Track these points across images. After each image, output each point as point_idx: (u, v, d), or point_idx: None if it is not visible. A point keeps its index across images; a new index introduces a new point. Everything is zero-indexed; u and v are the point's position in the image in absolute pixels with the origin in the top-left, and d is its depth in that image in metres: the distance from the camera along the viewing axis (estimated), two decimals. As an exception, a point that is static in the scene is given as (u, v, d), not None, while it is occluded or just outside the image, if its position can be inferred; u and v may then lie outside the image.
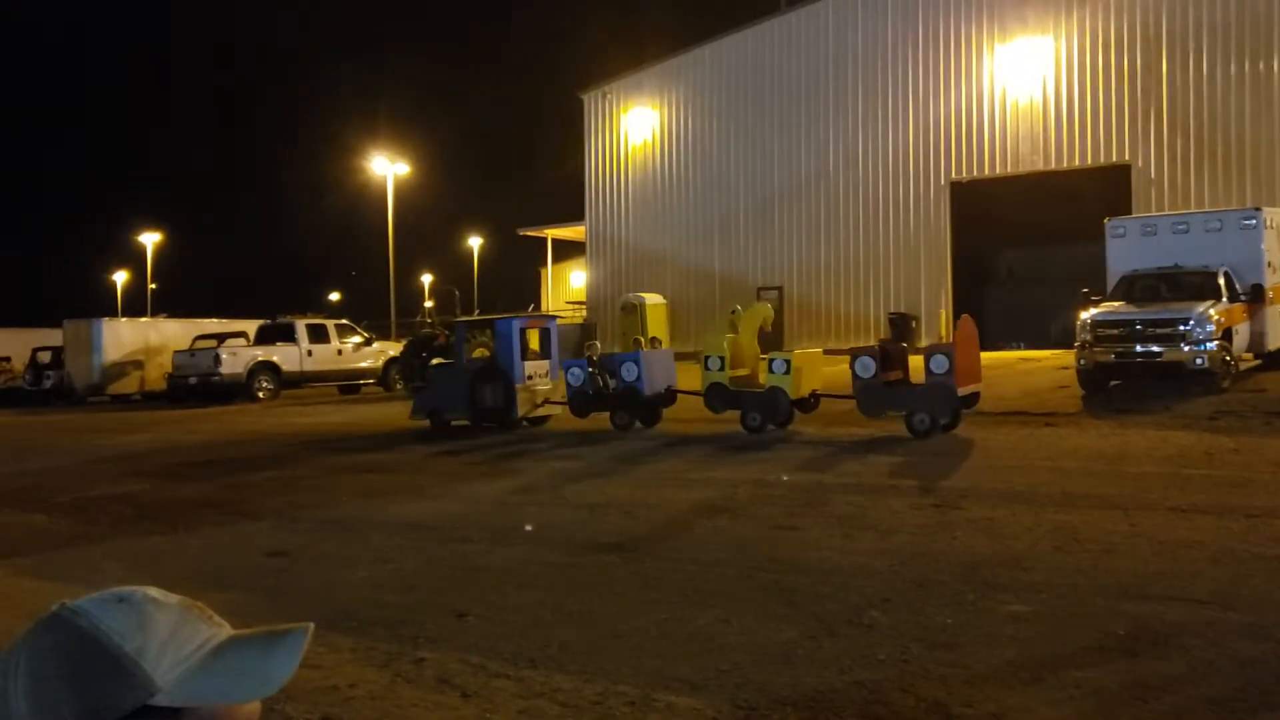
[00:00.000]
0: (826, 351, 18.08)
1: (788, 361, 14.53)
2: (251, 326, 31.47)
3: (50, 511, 10.94)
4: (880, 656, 4.97)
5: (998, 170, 30.74)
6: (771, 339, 32.71)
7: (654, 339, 22.66)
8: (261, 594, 6.76)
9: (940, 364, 13.16)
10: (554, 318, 20.81)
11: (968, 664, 4.81)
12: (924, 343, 30.30)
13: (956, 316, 30.45)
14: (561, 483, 11.16)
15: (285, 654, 1.02)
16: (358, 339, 30.49)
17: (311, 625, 1.06)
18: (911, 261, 31.67)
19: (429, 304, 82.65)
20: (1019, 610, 5.65)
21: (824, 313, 33.11)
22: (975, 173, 31.01)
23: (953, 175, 31.29)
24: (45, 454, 17.07)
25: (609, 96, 38.33)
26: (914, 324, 30.60)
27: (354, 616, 6.02)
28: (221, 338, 30.11)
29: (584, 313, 40.57)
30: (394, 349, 29.65)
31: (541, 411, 17.52)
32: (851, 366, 13.86)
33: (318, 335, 29.60)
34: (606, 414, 16.03)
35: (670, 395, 16.09)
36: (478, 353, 18.85)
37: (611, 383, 16.06)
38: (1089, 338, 15.90)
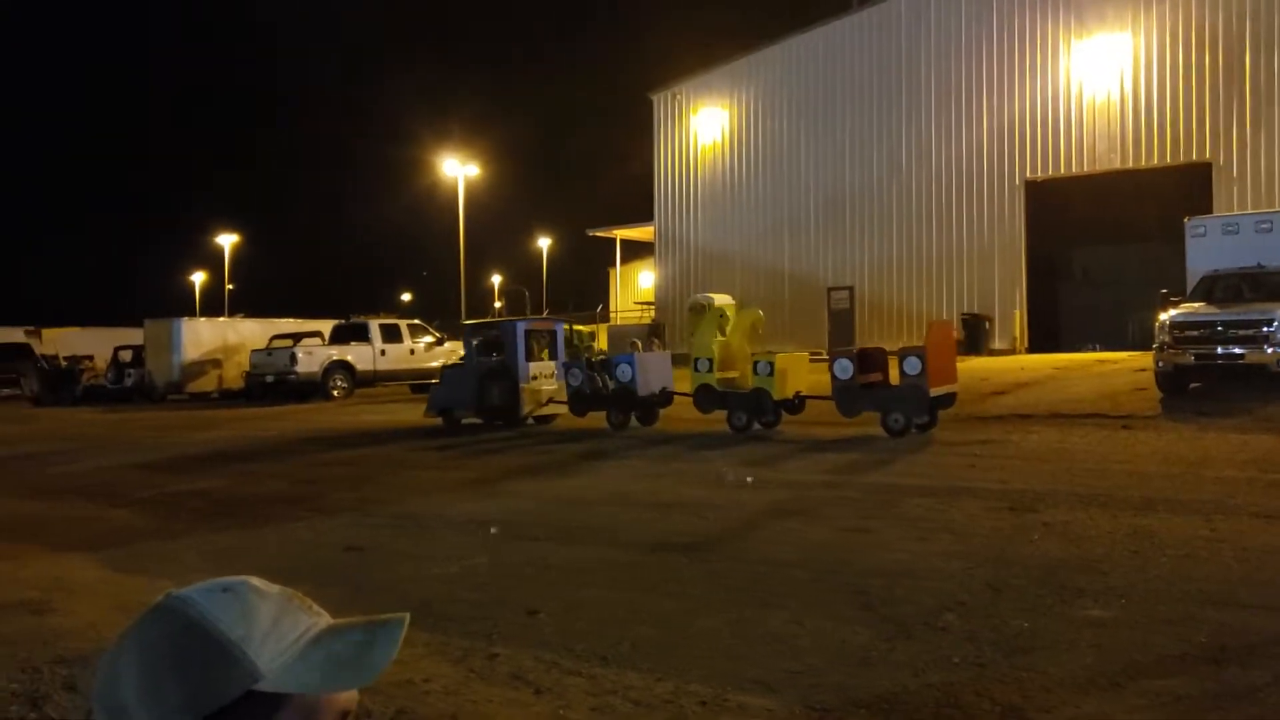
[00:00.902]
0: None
1: (771, 364, 15.14)
2: (326, 326, 32.00)
3: (132, 506, 11.20)
4: (955, 659, 4.92)
5: (1074, 169, 30.24)
6: (844, 339, 32.56)
7: (653, 340, 23.92)
8: (338, 589, 6.85)
9: (913, 366, 13.70)
10: (561, 321, 21.88)
11: (1044, 669, 4.74)
12: (997, 344, 30.00)
13: (1031, 317, 30.28)
14: (629, 481, 11.19)
15: (384, 643, 1.05)
16: (430, 339, 30.87)
17: (408, 615, 1.09)
18: (985, 261, 31.27)
19: (498, 304, 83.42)
20: (1097, 615, 5.55)
21: (896, 312, 32.81)
22: (1051, 171, 30.54)
23: (1027, 174, 30.84)
24: (126, 450, 17.50)
25: (678, 97, 38.35)
26: (987, 325, 30.22)
27: (428, 612, 6.08)
28: (297, 337, 30.66)
29: (652, 313, 40.62)
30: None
31: (547, 410, 18.38)
32: (831, 369, 14.46)
33: (391, 335, 30.03)
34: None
35: (665, 396, 16.77)
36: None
37: (611, 384, 16.76)
38: (1168, 339, 15.57)
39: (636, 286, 52.52)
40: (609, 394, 16.82)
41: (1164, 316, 15.92)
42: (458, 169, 45.38)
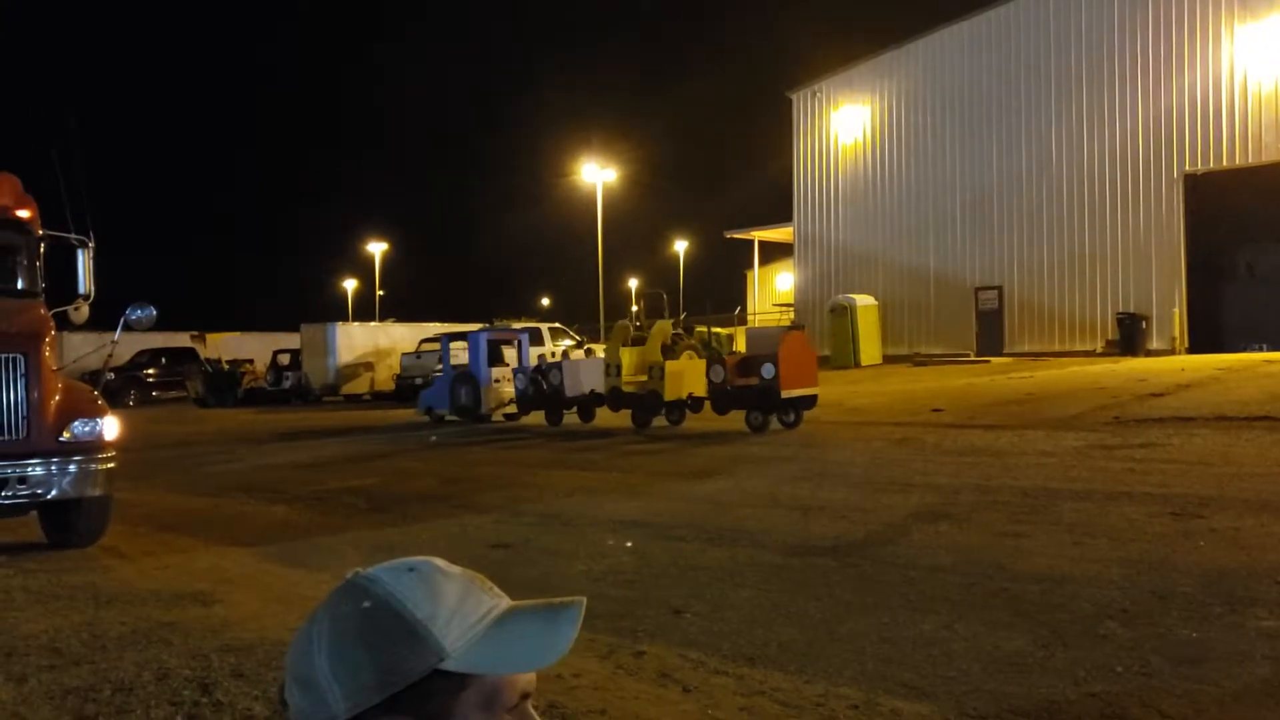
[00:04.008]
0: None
1: (662, 368, 17.66)
2: (471, 330, 32.68)
3: (291, 503, 11.63)
4: (1118, 669, 4.73)
5: (1238, 161, 28.81)
6: (992, 341, 31.75)
7: (587, 348, 27.36)
8: (487, 585, 6.98)
9: (769, 371, 15.86)
10: (526, 330, 25.18)
11: (1217, 681, 4.51)
12: (1155, 344, 28.82)
13: (1191, 317, 28.97)
14: (775, 484, 11.10)
15: (566, 625, 1.05)
16: (569, 342, 31.24)
17: (584, 599, 1.09)
18: (1141, 259, 30.06)
19: (635, 308, 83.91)
20: (1272, 626, 5.27)
21: (1046, 313, 31.83)
22: (1212, 164, 29.17)
23: (1186, 167, 29.54)
24: (286, 449, 18.19)
25: (818, 95, 37.97)
26: (1144, 325, 29.07)
27: (575, 609, 6.13)
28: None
29: (791, 315, 40.29)
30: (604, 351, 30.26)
31: (510, 409, 21.33)
32: (707, 374, 16.86)
33: (532, 338, 30.48)
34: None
35: (596, 397, 18.83)
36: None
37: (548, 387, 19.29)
38: (1345, 338, 14.71)
39: (775, 288, 52.18)
40: (545, 395, 19.32)
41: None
42: (596, 174, 45.83)
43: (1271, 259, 30.22)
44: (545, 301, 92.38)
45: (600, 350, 30.56)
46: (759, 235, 45.89)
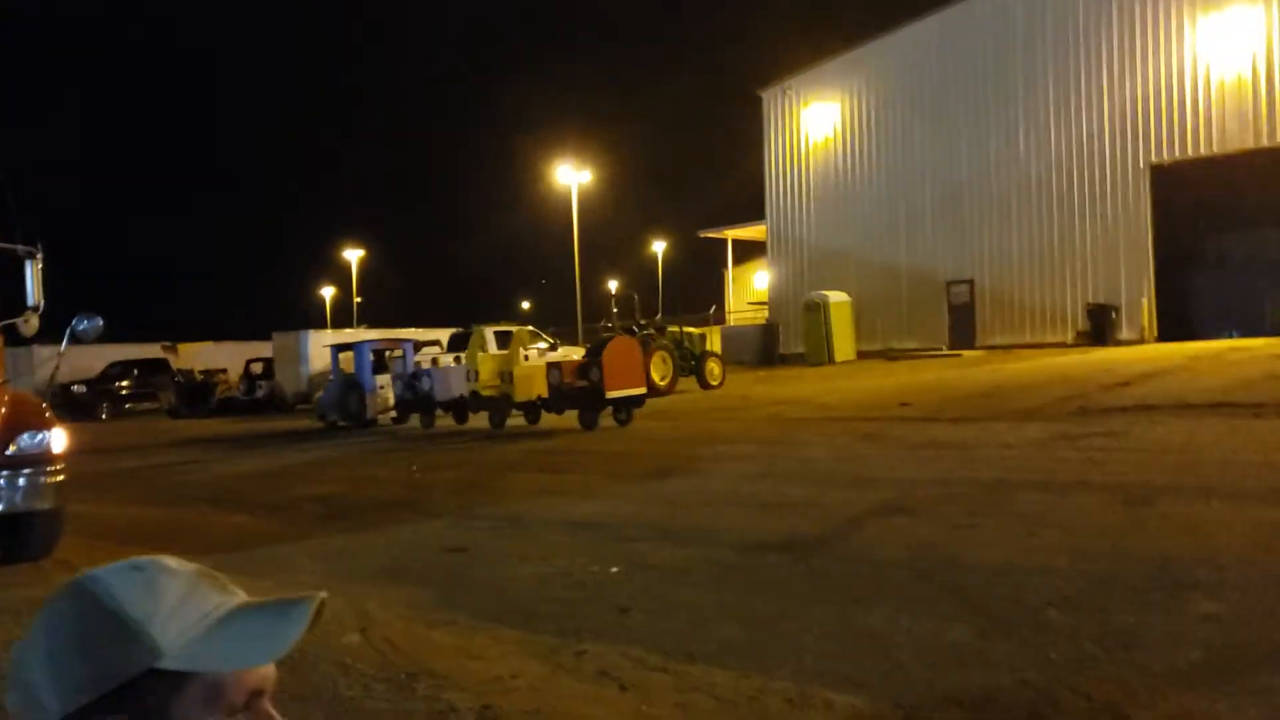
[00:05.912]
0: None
1: (511, 373, 19.37)
2: (445, 335, 32.59)
3: (252, 512, 11.57)
4: (1053, 656, 4.73)
5: (1203, 151, 29.01)
6: (965, 334, 31.84)
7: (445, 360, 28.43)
8: (437, 588, 6.95)
9: (595, 374, 17.67)
10: (410, 341, 26.23)
11: (1148, 665, 4.52)
12: (1125, 334, 28.98)
13: (1161, 306, 29.12)
14: (736, 482, 11.09)
15: (294, 619, 1.04)
16: (543, 344, 31.14)
17: (324, 594, 1.07)
18: (1110, 250, 30.24)
19: (615, 309, 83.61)
20: (1210, 610, 5.29)
21: (1017, 305, 31.98)
22: (1178, 154, 29.37)
23: (1153, 157, 29.73)
24: (252, 459, 18.08)
25: (789, 92, 38.05)
26: (1114, 315, 29.24)
27: (521, 610, 6.12)
28: (417, 346, 31.25)
29: (766, 313, 40.33)
30: (579, 353, 30.18)
31: (394, 413, 22.61)
32: (547, 377, 18.60)
33: (505, 341, 30.34)
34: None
35: (464, 400, 20.34)
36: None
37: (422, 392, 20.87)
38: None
39: (751, 287, 52.24)
40: (419, 399, 20.91)
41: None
42: (571, 176, 45.77)
43: (1240, 247, 30.42)
44: (526, 305, 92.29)
45: (579, 352, 30.56)
46: (732, 234, 45.95)
